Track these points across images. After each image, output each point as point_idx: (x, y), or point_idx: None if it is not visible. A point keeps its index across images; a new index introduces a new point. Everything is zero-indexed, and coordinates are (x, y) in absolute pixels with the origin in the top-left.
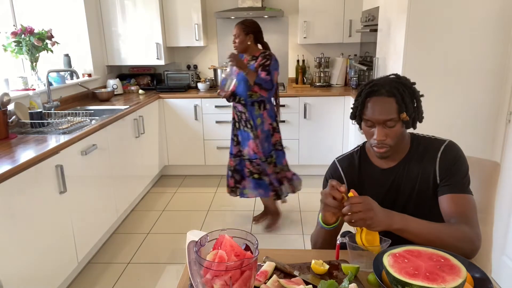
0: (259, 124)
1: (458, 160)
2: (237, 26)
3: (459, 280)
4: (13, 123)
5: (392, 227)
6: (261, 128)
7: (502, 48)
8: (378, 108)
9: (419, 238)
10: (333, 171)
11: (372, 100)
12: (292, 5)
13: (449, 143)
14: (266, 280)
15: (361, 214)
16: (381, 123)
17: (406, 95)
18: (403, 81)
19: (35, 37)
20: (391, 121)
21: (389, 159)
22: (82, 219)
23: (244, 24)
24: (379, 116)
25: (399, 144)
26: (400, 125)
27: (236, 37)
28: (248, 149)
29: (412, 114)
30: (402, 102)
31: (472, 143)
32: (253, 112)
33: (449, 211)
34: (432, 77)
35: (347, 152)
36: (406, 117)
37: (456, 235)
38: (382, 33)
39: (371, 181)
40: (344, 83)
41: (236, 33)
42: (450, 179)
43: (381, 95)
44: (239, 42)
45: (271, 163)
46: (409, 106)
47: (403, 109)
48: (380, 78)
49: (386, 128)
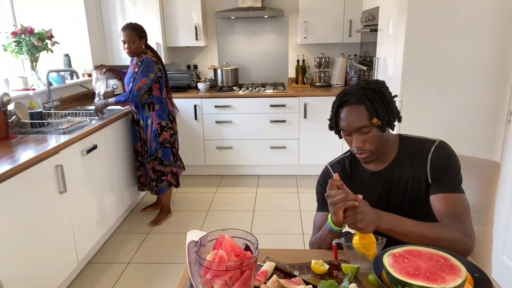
0: (149, 124)
1: (449, 159)
2: (129, 31)
3: (459, 280)
4: (13, 123)
5: (381, 227)
6: (150, 128)
7: (502, 48)
8: (350, 117)
9: (408, 238)
10: (326, 176)
11: (344, 110)
12: (292, 5)
13: (440, 143)
14: (266, 280)
15: (351, 218)
16: (356, 130)
17: (375, 100)
18: (372, 86)
19: (35, 37)
20: (364, 127)
21: (377, 162)
22: (82, 219)
23: (137, 30)
24: (353, 124)
25: (380, 147)
26: (375, 130)
27: (131, 43)
28: (136, 145)
29: (384, 117)
30: (372, 108)
31: (472, 143)
32: (144, 114)
33: (441, 210)
34: (432, 77)
35: (338, 156)
36: (378, 122)
37: (448, 235)
38: (382, 33)
39: (363, 184)
40: (344, 83)
41: (130, 39)
42: (442, 179)
43: (351, 104)
44: (134, 47)
45: (156, 159)
46: (379, 111)
47: (373, 114)
48: (350, 87)
49: (363, 135)
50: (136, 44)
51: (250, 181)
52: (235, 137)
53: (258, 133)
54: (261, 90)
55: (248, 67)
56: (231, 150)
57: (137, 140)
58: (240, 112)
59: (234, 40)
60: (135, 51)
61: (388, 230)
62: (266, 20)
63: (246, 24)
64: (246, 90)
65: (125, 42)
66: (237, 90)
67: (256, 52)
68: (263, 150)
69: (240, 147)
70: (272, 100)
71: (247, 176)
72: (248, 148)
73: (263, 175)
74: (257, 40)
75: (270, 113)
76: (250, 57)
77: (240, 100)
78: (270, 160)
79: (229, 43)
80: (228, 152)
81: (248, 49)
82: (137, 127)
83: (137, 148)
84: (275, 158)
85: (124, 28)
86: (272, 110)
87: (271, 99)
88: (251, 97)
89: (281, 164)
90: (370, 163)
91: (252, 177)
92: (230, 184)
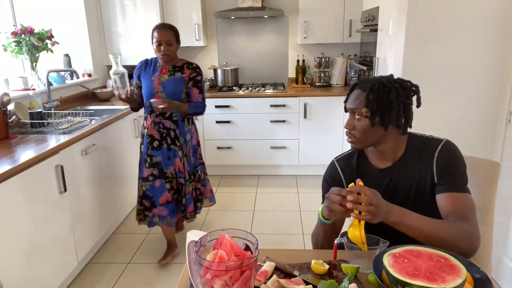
0: (188, 140)
1: (455, 159)
2: (168, 31)
3: (459, 280)
4: (13, 123)
5: (389, 219)
6: (190, 143)
7: (502, 48)
8: (352, 98)
9: (416, 233)
10: (332, 171)
11: (354, 91)
12: (292, 5)
13: (446, 143)
14: (266, 280)
15: (366, 207)
16: (351, 112)
17: (376, 94)
18: (385, 81)
19: (35, 37)
20: (356, 111)
21: (385, 159)
22: (82, 219)
23: (175, 31)
24: (349, 105)
25: (368, 140)
26: (365, 120)
27: (168, 45)
28: (173, 168)
29: (376, 112)
30: (368, 98)
31: (472, 143)
32: (183, 128)
33: (447, 209)
34: (432, 77)
35: (345, 152)
36: (367, 112)
37: (455, 233)
38: (382, 33)
39: (369, 180)
40: (344, 83)
41: (168, 39)
42: (448, 178)
43: (359, 88)
44: (172, 50)
45: (195, 180)
46: (374, 104)
47: (367, 104)
48: (376, 76)
49: (355, 119)
50: (174, 46)
51: (250, 181)
52: (235, 137)
53: (258, 133)
54: (261, 90)
55: (248, 67)
56: (231, 150)
57: (173, 163)
58: (240, 112)
59: (234, 40)
60: (172, 54)
61: (396, 222)
62: (266, 20)
63: (246, 24)
64: (246, 90)
65: (161, 43)
66: (237, 90)
67: (256, 52)
68: (263, 150)
69: (240, 147)
70: (272, 100)
71: (247, 176)
72: (248, 148)
73: (263, 175)
74: (257, 40)
75: (270, 113)
76: (250, 57)
77: (240, 100)
78: (270, 160)
79: (229, 43)
80: (228, 152)
81: (248, 49)
82: (175, 146)
83: (171, 173)
84: (275, 158)
85: (160, 27)
86: (272, 110)
87: (271, 99)
88: (251, 97)
89: (281, 164)
90: (356, 149)
91: (252, 177)
92: (230, 184)
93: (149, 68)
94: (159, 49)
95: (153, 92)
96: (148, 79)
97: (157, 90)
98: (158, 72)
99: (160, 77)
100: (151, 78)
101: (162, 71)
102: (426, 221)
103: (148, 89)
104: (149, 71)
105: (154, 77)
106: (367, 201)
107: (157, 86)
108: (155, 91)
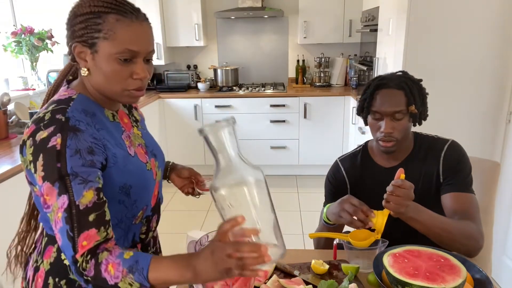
0: None
1: (461, 159)
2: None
3: (459, 280)
4: (13, 123)
5: (405, 215)
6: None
7: (502, 48)
8: (387, 100)
9: (429, 230)
10: (336, 171)
11: (381, 92)
12: (292, 5)
13: (452, 143)
14: (266, 280)
15: (400, 199)
16: (390, 115)
17: (414, 89)
18: (411, 77)
19: (35, 37)
20: (399, 113)
21: (392, 158)
22: None
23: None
24: (388, 108)
25: (404, 139)
26: (407, 119)
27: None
28: None
29: (419, 108)
30: (411, 95)
31: (472, 143)
32: None
33: (452, 209)
34: (432, 77)
35: (349, 152)
36: (415, 110)
37: (465, 231)
38: (382, 33)
39: (374, 180)
40: (344, 83)
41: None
42: (454, 178)
43: (390, 88)
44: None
45: None
46: (417, 100)
47: (411, 101)
48: (388, 74)
49: (394, 121)
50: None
51: None
52: None
53: (258, 133)
54: (261, 90)
55: (248, 67)
56: None
57: None
58: (240, 112)
59: (234, 40)
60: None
61: (411, 218)
62: (266, 20)
63: (246, 24)
64: (246, 90)
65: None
66: (237, 90)
67: (256, 52)
68: (263, 150)
69: (240, 147)
70: (272, 100)
71: None
72: (248, 148)
73: None
74: (257, 40)
75: (270, 113)
76: (250, 57)
77: (240, 100)
78: (270, 160)
79: (229, 43)
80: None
81: (248, 49)
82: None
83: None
84: (275, 158)
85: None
86: (272, 110)
87: (271, 99)
88: (251, 97)
89: (281, 164)
90: (391, 153)
91: None
92: None
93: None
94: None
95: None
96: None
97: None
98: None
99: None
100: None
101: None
102: (439, 219)
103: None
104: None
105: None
106: (405, 196)
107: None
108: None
